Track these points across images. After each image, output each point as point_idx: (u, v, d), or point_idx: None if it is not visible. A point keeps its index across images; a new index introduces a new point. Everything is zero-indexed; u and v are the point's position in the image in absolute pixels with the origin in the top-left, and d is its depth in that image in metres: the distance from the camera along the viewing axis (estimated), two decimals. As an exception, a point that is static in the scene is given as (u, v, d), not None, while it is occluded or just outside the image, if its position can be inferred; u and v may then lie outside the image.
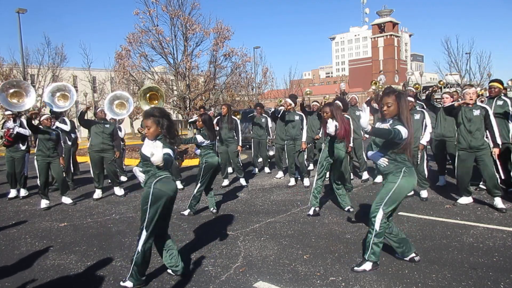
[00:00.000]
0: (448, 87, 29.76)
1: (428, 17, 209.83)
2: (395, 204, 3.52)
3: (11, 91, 6.77)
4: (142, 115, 3.65)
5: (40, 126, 6.67)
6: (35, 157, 6.63)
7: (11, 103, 6.77)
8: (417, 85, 8.08)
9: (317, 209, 5.53)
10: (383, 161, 3.51)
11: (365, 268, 3.54)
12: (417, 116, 6.15)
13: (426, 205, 5.78)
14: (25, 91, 6.83)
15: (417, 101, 6.97)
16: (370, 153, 3.63)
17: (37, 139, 6.64)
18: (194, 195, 5.72)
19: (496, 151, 5.28)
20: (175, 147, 3.57)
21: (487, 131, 5.36)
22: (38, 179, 6.62)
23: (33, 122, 6.55)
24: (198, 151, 5.87)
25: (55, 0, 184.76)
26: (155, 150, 3.03)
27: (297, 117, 7.51)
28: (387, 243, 3.73)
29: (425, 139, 6.08)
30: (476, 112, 5.32)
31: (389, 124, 3.42)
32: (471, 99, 5.33)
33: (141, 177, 3.45)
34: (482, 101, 6.32)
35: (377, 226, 3.50)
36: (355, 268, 3.57)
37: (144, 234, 3.29)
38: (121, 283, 3.40)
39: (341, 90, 9.10)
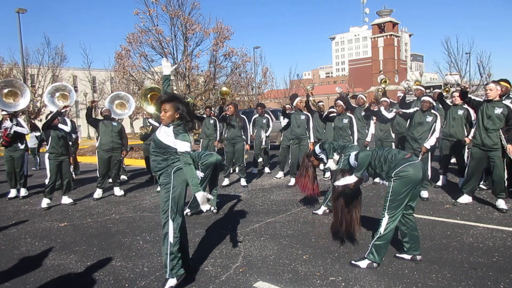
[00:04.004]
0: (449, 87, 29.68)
1: (428, 17, 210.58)
2: (399, 207, 3.54)
3: (5, 91, 6.77)
4: (161, 100, 3.37)
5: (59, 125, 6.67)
6: (47, 155, 6.56)
7: (6, 103, 6.77)
8: (417, 82, 7.98)
9: (327, 210, 5.51)
10: None
11: (360, 265, 3.61)
12: (429, 119, 6.09)
13: (426, 205, 5.78)
14: (20, 91, 6.82)
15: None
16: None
17: (50, 137, 6.58)
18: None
19: None
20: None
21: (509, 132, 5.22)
22: (48, 178, 6.52)
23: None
24: None
25: (55, 0, 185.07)
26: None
27: (303, 117, 7.50)
28: (398, 236, 3.80)
29: (429, 142, 6.01)
30: (498, 111, 5.19)
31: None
32: (489, 95, 5.20)
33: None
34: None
35: (381, 229, 3.57)
36: (353, 261, 3.69)
37: (171, 224, 3.23)
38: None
39: (340, 95, 8.48)
